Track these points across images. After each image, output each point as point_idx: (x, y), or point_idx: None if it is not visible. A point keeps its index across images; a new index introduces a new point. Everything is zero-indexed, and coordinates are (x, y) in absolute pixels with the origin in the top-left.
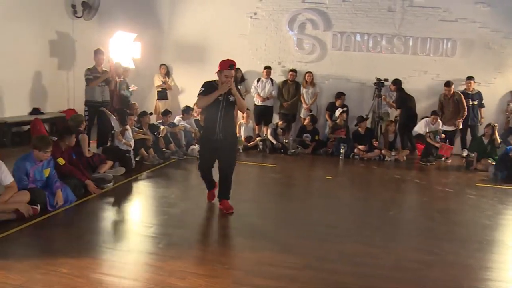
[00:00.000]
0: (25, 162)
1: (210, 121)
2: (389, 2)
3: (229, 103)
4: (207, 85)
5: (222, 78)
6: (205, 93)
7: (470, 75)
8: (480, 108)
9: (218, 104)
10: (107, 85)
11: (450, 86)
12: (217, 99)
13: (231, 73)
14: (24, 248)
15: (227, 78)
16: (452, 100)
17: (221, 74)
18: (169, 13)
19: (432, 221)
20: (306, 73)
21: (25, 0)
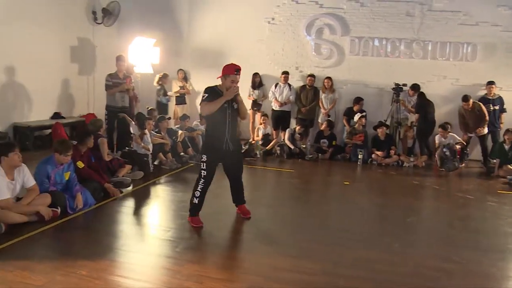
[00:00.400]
0: (47, 165)
1: (217, 130)
2: (408, 7)
3: (234, 110)
4: (210, 91)
5: (227, 83)
6: (210, 99)
7: (491, 80)
8: (501, 113)
9: (224, 111)
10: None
11: (468, 101)
12: (223, 106)
13: (237, 78)
14: (45, 249)
15: (233, 83)
16: (473, 112)
17: (226, 80)
18: (188, 18)
19: (452, 229)
20: (325, 79)
21: (48, 8)
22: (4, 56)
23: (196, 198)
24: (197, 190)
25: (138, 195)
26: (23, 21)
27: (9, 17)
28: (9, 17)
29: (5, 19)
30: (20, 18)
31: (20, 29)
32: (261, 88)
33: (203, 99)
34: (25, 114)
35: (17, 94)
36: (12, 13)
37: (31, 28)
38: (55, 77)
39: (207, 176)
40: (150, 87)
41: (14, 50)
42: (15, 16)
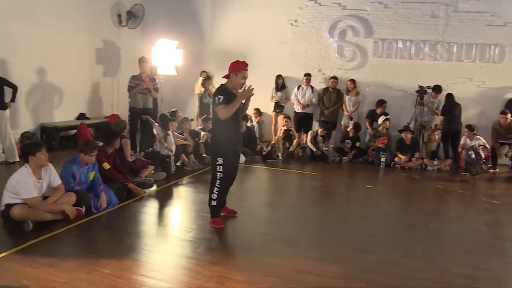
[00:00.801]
0: (72, 165)
1: (232, 131)
2: (432, 8)
3: (241, 108)
4: (224, 92)
5: (238, 80)
6: (226, 101)
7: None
8: None
9: (237, 112)
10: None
11: (506, 114)
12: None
13: (247, 74)
14: (70, 247)
15: (244, 79)
16: (509, 128)
17: (237, 76)
18: (211, 20)
19: (478, 235)
20: (348, 81)
21: (74, 11)
22: (36, 58)
23: (214, 200)
24: (213, 193)
25: (160, 195)
26: (52, 23)
27: (38, 19)
28: (39, 19)
29: (35, 21)
30: (49, 20)
31: (49, 31)
32: (283, 90)
33: (219, 101)
34: (52, 115)
35: (46, 95)
36: (42, 16)
37: (60, 31)
38: (81, 78)
39: (223, 178)
40: (174, 88)
41: (45, 52)
42: (45, 18)
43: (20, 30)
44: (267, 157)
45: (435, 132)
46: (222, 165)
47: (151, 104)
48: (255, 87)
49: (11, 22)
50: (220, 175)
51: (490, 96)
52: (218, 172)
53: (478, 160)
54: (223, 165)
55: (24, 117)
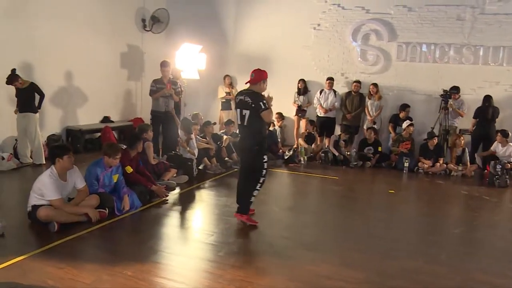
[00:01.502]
0: (96, 168)
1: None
2: (458, 11)
3: None
4: (264, 98)
5: (265, 87)
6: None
7: None
8: None
9: None
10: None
11: None
12: None
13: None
14: (93, 249)
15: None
16: None
17: (265, 84)
18: (234, 25)
19: (504, 242)
20: (371, 85)
21: (99, 16)
22: (62, 62)
23: (253, 197)
24: (256, 189)
25: (182, 198)
26: (79, 29)
27: (66, 25)
28: (66, 25)
29: (63, 27)
30: (76, 26)
31: (76, 37)
32: (306, 95)
33: (266, 106)
34: (77, 118)
35: (71, 98)
36: (69, 22)
37: (86, 36)
38: (105, 82)
39: (266, 175)
40: (197, 92)
41: (70, 56)
42: (72, 24)
43: (46, 35)
44: (289, 161)
45: (460, 137)
46: (267, 162)
47: (172, 107)
48: (278, 90)
49: (37, 27)
50: (264, 172)
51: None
52: (264, 169)
53: (503, 174)
54: (267, 162)
55: (50, 120)
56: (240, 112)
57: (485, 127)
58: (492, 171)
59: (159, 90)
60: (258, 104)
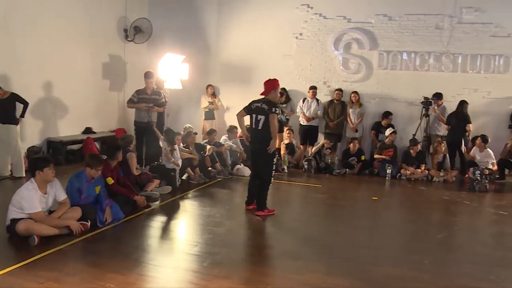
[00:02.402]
0: (78, 180)
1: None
2: (437, 20)
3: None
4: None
5: (277, 94)
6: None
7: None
8: None
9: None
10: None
11: None
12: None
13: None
14: (75, 262)
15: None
16: None
17: (276, 91)
18: (216, 34)
19: (485, 246)
20: (352, 93)
21: (80, 26)
22: (42, 73)
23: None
24: (268, 189)
25: (166, 209)
26: (59, 39)
27: (46, 35)
28: (46, 35)
29: (43, 37)
30: (56, 35)
31: (57, 47)
32: (288, 103)
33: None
34: (58, 129)
35: (52, 109)
36: (49, 32)
37: (66, 46)
38: (87, 93)
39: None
40: (180, 102)
41: (51, 66)
42: (52, 34)
43: (25, 45)
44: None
45: (441, 143)
46: (275, 163)
47: (155, 118)
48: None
49: (16, 37)
50: (274, 173)
51: (496, 107)
52: (274, 170)
53: (482, 179)
54: (275, 164)
55: (30, 132)
56: (256, 117)
57: (454, 133)
58: (471, 176)
59: (140, 100)
60: (271, 109)
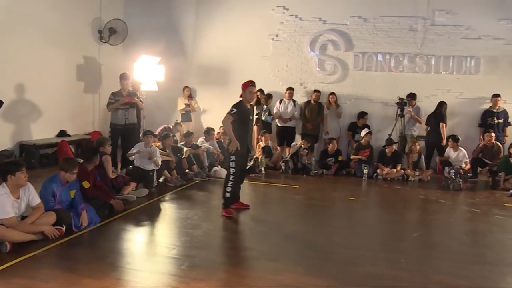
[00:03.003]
0: (52, 184)
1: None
2: (411, 22)
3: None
4: (239, 106)
5: (248, 94)
6: (238, 115)
7: (496, 93)
8: (506, 126)
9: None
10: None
11: (490, 132)
12: (248, 119)
13: (254, 89)
14: (50, 268)
15: (251, 93)
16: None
17: (246, 92)
18: (193, 36)
19: (459, 243)
20: (330, 95)
21: (54, 26)
22: (16, 75)
23: (228, 193)
24: (228, 186)
25: (143, 212)
26: (32, 40)
27: (18, 36)
28: (18, 36)
29: (14, 37)
30: (29, 36)
31: (29, 48)
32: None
33: (231, 112)
34: (32, 132)
35: (25, 112)
36: (21, 32)
37: (39, 47)
38: (61, 95)
39: (235, 173)
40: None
41: (23, 68)
42: (24, 35)
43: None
44: (249, 171)
45: (416, 143)
46: (234, 161)
47: (134, 119)
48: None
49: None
50: (233, 171)
51: (468, 107)
52: (231, 168)
53: (456, 178)
54: (235, 162)
55: (1, 135)
56: None
57: (433, 133)
58: (446, 175)
59: (117, 102)
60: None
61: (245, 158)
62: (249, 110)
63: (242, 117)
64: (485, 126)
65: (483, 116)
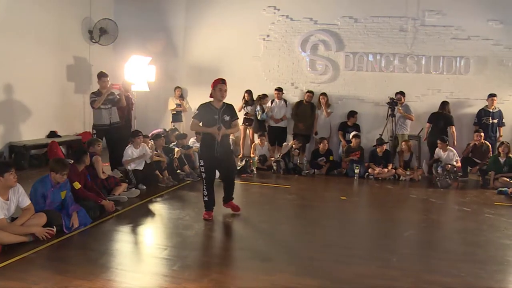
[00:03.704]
0: (42, 185)
1: (208, 139)
2: (401, 22)
3: (225, 122)
4: (202, 108)
5: (217, 93)
6: (200, 117)
7: (492, 92)
8: (500, 127)
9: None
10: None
11: (480, 132)
12: (213, 119)
13: (223, 86)
14: (41, 269)
15: (221, 91)
16: (481, 147)
17: (215, 90)
18: (184, 36)
19: (450, 242)
20: (320, 95)
21: (43, 26)
22: (5, 75)
23: (205, 196)
24: (204, 190)
25: (134, 213)
26: (21, 40)
27: (7, 35)
28: (8, 35)
29: (4, 37)
30: (18, 36)
31: (18, 48)
32: (254, 105)
33: (194, 115)
34: (21, 133)
35: (14, 112)
36: (11, 32)
37: (29, 47)
38: (51, 95)
39: (206, 177)
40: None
41: (12, 68)
42: (14, 34)
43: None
44: (241, 171)
45: (407, 142)
46: (203, 166)
47: (117, 118)
48: (228, 101)
49: None
50: (204, 175)
51: (458, 107)
52: (202, 172)
53: (445, 176)
54: (204, 166)
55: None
56: None
57: (436, 134)
58: (434, 173)
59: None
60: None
61: (214, 160)
62: (215, 110)
63: (206, 119)
64: (480, 126)
65: (478, 115)
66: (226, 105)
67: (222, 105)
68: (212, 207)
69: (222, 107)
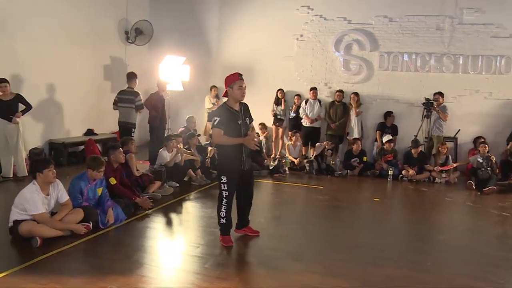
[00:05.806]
0: (80, 181)
1: (235, 150)
2: (438, 21)
3: (247, 127)
4: (221, 113)
5: (235, 91)
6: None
7: None
8: None
9: (239, 129)
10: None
11: None
12: (237, 124)
13: (243, 83)
14: (78, 263)
15: (241, 89)
16: None
17: (234, 88)
18: (218, 36)
19: (488, 247)
20: (352, 94)
21: (81, 28)
22: (46, 75)
23: (222, 218)
24: (221, 211)
25: (168, 211)
26: (61, 42)
27: (48, 37)
28: (49, 38)
29: (45, 40)
30: (58, 38)
31: (58, 50)
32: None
33: (214, 124)
34: (60, 131)
35: (54, 111)
36: (52, 34)
37: (68, 48)
38: (88, 95)
39: (228, 196)
40: (181, 103)
41: (53, 69)
42: (54, 36)
43: (27, 48)
44: (274, 171)
45: (444, 144)
46: (226, 183)
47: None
48: (261, 101)
49: (18, 40)
50: (225, 194)
51: (498, 108)
52: (223, 190)
53: (486, 166)
54: (227, 184)
55: (32, 134)
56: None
57: None
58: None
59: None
60: (212, 118)
61: (240, 175)
62: (236, 113)
63: (230, 126)
64: None
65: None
66: (243, 105)
67: (240, 106)
68: (229, 229)
69: (241, 109)
